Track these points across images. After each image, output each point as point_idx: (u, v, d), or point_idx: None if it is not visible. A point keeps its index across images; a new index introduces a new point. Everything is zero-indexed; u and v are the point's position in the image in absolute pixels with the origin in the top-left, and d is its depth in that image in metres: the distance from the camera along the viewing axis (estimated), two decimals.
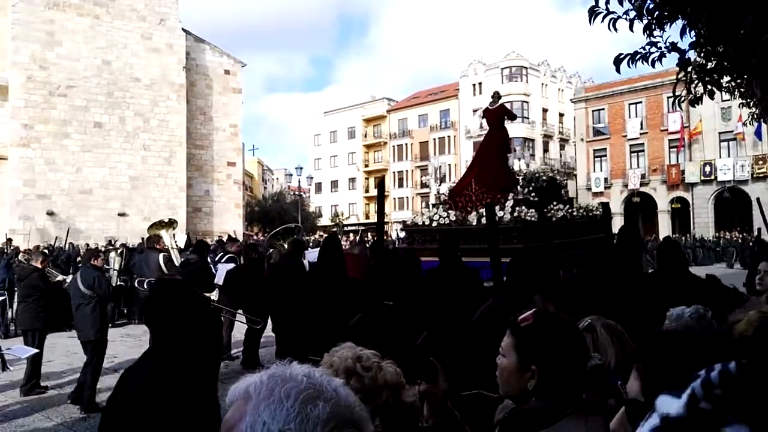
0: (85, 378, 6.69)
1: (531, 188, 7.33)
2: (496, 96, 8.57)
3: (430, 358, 1.89)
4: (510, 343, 1.74)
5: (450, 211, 7.39)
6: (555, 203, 7.50)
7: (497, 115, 8.18)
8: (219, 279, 8.21)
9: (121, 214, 30.19)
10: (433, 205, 8.09)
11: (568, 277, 6.30)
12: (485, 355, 2.24)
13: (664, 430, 1.09)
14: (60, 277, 9.24)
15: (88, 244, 21.10)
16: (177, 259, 9.10)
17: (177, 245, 10.27)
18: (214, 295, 7.28)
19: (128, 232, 27.65)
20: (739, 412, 1.01)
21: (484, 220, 6.54)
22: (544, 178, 7.87)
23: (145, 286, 8.12)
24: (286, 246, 9.72)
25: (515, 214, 6.72)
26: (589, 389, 1.76)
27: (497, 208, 6.65)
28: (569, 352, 1.66)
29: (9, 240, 20.53)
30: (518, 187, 7.35)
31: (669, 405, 1.09)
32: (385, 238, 29.85)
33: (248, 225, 44.66)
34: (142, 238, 20.13)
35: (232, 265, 9.14)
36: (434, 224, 7.34)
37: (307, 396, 0.81)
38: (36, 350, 7.03)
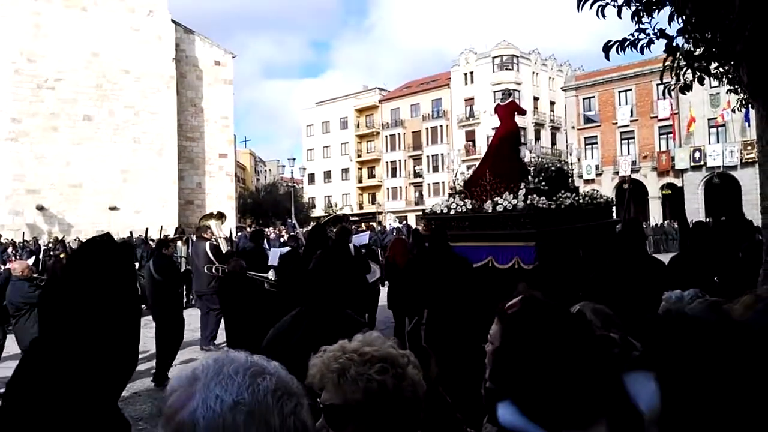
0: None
1: (541, 177, 7.87)
2: (507, 93, 9.41)
3: (422, 344, 1.91)
4: (498, 330, 1.77)
5: (466, 200, 7.95)
6: (563, 191, 8.09)
7: (509, 110, 8.89)
8: (273, 261, 8.92)
9: (112, 208, 29.99)
10: (450, 195, 8.76)
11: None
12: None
13: None
14: None
15: (78, 239, 21.02)
16: (224, 248, 9.98)
17: (224, 235, 11.16)
18: (270, 275, 8.11)
19: (119, 226, 27.53)
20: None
21: (499, 208, 7.10)
22: (552, 168, 8.45)
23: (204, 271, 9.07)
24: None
25: (528, 202, 7.24)
26: None
27: (511, 196, 7.19)
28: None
29: None
30: (529, 176, 7.86)
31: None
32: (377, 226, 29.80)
33: (241, 217, 44.52)
34: (131, 232, 20.15)
35: (287, 249, 9.71)
36: (452, 212, 7.85)
37: (254, 371, 0.92)
38: None
